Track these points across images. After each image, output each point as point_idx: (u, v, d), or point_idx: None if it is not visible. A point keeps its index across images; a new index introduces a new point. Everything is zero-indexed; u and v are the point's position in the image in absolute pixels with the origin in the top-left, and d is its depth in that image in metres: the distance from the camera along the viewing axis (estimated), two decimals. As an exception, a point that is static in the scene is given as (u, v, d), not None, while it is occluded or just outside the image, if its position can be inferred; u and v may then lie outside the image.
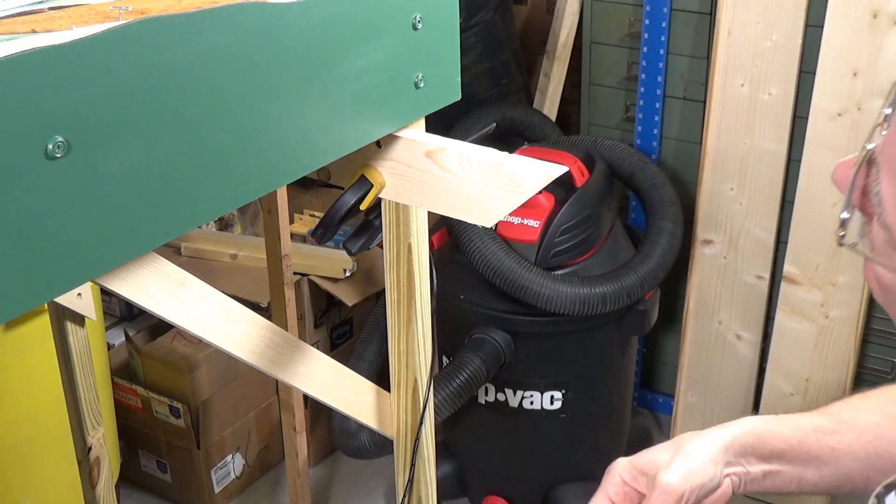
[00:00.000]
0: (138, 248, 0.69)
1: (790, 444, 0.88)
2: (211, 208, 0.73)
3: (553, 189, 2.03)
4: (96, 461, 1.36)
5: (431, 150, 0.92)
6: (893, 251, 0.62)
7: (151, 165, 0.67)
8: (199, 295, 0.88)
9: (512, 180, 0.89)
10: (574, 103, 2.72)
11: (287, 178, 0.81)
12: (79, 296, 1.27)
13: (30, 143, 0.59)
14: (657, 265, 2.13)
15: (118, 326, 2.54)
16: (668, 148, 2.50)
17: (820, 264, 2.22)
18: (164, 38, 0.65)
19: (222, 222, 2.79)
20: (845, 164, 0.66)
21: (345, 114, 0.83)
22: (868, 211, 0.64)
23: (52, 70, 0.59)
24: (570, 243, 2.06)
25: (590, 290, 2.01)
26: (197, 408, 2.25)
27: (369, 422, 1.14)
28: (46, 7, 0.78)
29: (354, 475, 2.50)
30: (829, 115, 2.13)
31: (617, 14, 2.49)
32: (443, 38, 0.93)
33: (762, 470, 0.89)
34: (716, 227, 2.37)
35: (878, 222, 0.62)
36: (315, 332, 2.42)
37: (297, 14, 0.76)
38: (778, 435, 0.88)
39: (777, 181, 2.28)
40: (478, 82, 2.55)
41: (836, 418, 0.91)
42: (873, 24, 2.03)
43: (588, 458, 2.20)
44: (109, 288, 0.78)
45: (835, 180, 0.67)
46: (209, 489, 2.35)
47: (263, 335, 0.96)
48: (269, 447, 2.50)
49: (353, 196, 0.97)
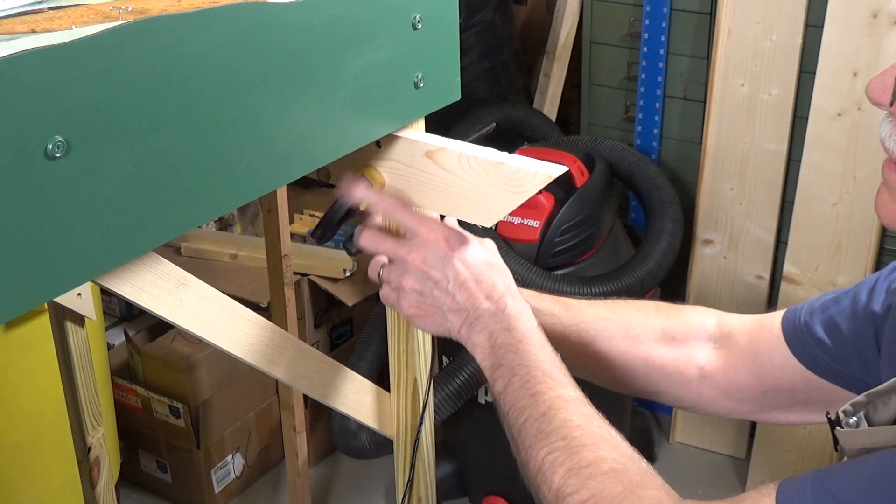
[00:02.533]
0: (138, 248, 0.69)
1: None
2: (211, 208, 0.73)
3: (553, 189, 2.03)
4: (96, 461, 1.36)
5: (431, 150, 0.92)
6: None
7: (151, 165, 0.67)
8: (199, 295, 0.88)
9: (512, 180, 0.89)
10: (574, 103, 2.72)
11: (287, 178, 0.81)
12: (79, 296, 1.27)
13: (30, 143, 0.59)
14: (657, 265, 2.13)
15: (118, 326, 2.54)
16: (668, 148, 2.50)
17: (820, 264, 2.22)
18: (164, 38, 0.65)
19: (222, 222, 2.79)
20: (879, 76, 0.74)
21: (344, 113, 0.83)
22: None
23: (52, 70, 0.59)
24: (570, 243, 2.06)
25: (590, 290, 2.01)
26: (197, 408, 2.25)
27: (369, 422, 1.14)
28: (46, 7, 0.78)
29: (354, 475, 2.50)
30: (829, 115, 2.13)
31: (617, 14, 2.49)
32: (443, 38, 0.93)
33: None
34: (716, 227, 2.37)
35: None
36: (315, 332, 2.42)
37: (296, 14, 0.76)
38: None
39: (777, 181, 2.28)
40: (478, 82, 2.55)
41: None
42: (873, 24, 2.03)
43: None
44: (109, 288, 0.78)
45: (870, 92, 0.75)
46: (209, 489, 2.35)
47: (263, 335, 0.96)
48: (269, 447, 2.50)
49: (329, 219, 0.98)
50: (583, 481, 0.76)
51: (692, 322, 1.06)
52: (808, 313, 0.97)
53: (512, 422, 0.85)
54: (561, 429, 0.80)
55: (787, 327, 0.98)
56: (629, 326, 1.05)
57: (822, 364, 0.95)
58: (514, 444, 0.85)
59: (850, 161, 2.13)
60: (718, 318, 1.06)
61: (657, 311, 1.07)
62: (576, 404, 0.83)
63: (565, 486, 0.77)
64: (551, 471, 0.78)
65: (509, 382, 0.86)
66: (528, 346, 0.87)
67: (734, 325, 1.04)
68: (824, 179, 2.17)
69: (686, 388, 1.05)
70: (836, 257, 2.20)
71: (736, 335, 1.03)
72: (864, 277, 2.19)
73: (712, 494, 0.74)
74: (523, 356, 0.86)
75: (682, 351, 1.04)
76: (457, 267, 0.89)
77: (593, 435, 0.80)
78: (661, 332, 1.05)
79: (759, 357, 1.00)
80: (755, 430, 2.43)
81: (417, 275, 0.91)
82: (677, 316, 1.07)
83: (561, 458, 0.78)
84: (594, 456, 0.78)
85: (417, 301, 0.92)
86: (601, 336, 1.05)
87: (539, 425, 0.81)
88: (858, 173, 2.13)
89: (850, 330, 0.93)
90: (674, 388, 1.05)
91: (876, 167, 2.36)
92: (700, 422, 2.52)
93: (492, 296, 0.89)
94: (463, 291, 0.90)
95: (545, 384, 0.84)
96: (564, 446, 0.79)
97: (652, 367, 1.04)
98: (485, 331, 0.89)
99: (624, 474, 0.76)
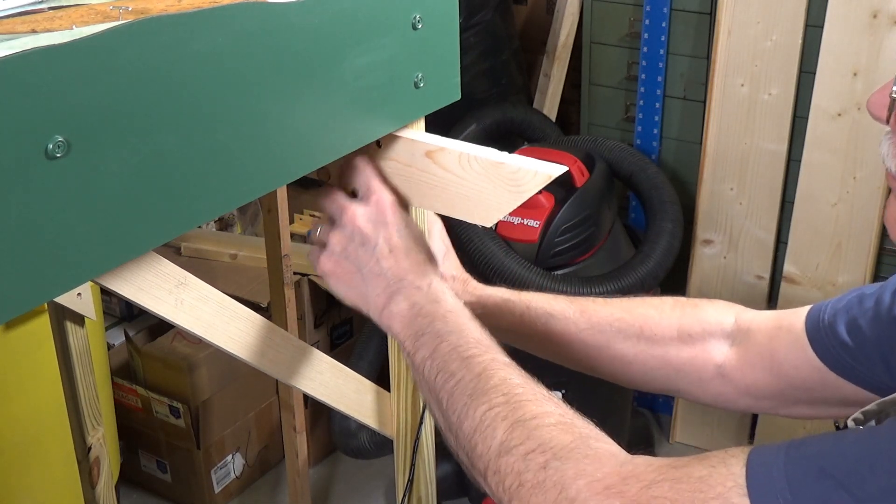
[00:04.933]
0: (138, 248, 0.69)
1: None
2: (211, 208, 0.73)
3: (553, 189, 2.03)
4: (96, 461, 1.36)
5: (431, 149, 0.92)
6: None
7: (151, 165, 0.67)
8: (199, 295, 0.88)
9: (512, 180, 0.89)
10: (574, 103, 2.72)
11: (287, 178, 0.81)
12: (79, 296, 1.27)
13: (30, 143, 0.59)
14: (657, 265, 2.13)
15: (118, 326, 2.54)
16: (668, 148, 2.50)
17: (820, 264, 2.22)
18: (164, 38, 0.65)
19: (222, 222, 2.79)
20: (880, 90, 0.72)
21: (344, 113, 0.83)
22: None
23: (52, 70, 0.59)
24: (570, 243, 2.06)
25: (590, 290, 2.01)
26: (197, 408, 2.25)
27: (369, 421, 1.14)
28: (46, 7, 0.78)
29: (354, 475, 2.50)
30: (829, 115, 2.13)
31: (617, 14, 2.49)
32: (443, 38, 0.93)
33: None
34: (716, 227, 2.37)
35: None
36: (315, 332, 2.42)
37: (297, 14, 0.76)
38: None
39: (777, 181, 2.28)
40: (478, 82, 2.55)
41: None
42: (873, 24, 2.03)
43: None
44: (109, 288, 0.78)
45: (870, 107, 0.73)
46: (209, 489, 2.35)
47: (263, 335, 0.96)
48: (269, 447, 2.50)
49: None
50: (528, 432, 0.72)
51: (709, 319, 1.04)
52: (831, 313, 0.95)
53: (440, 386, 0.80)
54: (500, 386, 0.77)
55: (810, 326, 0.96)
56: (644, 326, 1.03)
57: (845, 365, 0.93)
58: (441, 410, 0.80)
59: (850, 161, 2.13)
60: (737, 313, 1.04)
61: (673, 308, 1.05)
62: (513, 368, 0.80)
63: (510, 440, 0.73)
64: (492, 426, 0.74)
65: (436, 349, 0.81)
66: (456, 316, 0.84)
67: (753, 322, 1.02)
68: (824, 179, 2.17)
69: (705, 386, 1.03)
70: (836, 257, 2.20)
71: (754, 332, 1.01)
72: (864, 277, 2.20)
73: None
74: (451, 325, 0.83)
75: (699, 349, 1.03)
76: (391, 232, 0.86)
77: (535, 392, 0.77)
78: (677, 331, 1.03)
79: (776, 355, 0.98)
80: (755, 430, 2.43)
81: (347, 229, 0.88)
82: (694, 312, 1.05)
83: (504, 412, 0.75)
84: (539, 410, 0.74)
85: (337, 257, 0.88)
86: (617, 337, 1.03)
87: (476, 384, 0.77)
88: (858, 173, 2.13)
89: (872, 333, 0.91)
90: (692, 386, 1.04)
91: (876, 167, 2.37)
92: (700, 422, 2.52)
93: (419, 270, 0.86)
94: (390, 258, 0.86)
95: (478, 349, 0.80)
96: (505, 402, 0.75)
97: (669, 366, 1.03)
98: (406, 301, 0.85)
99: (572, 427, 0.73)
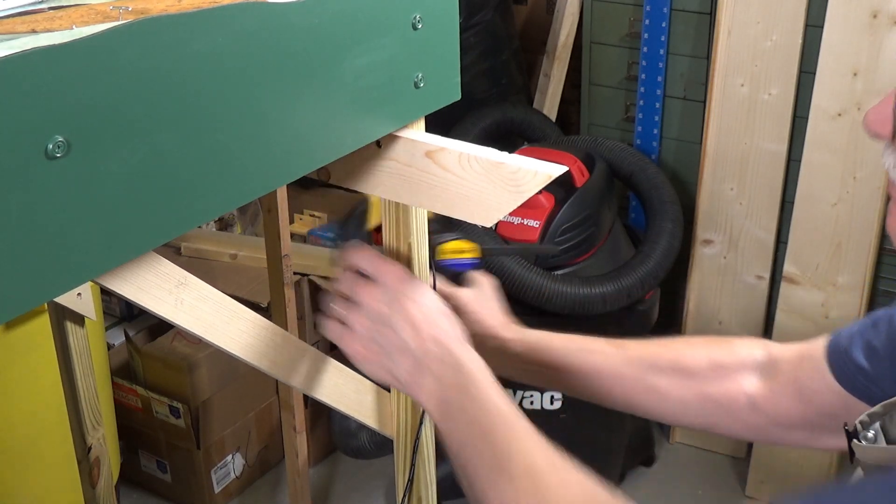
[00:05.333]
0: (138, 248, 0.69)
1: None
2: (211, 208, 0.73)
3: (553, 189, 2.03)
4: (96, 461, 1.36)
5: (431, 149, 0.92)
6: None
7: (151, 165, 0.66)
8: (199, 295, 0.88)
9: (512, 180, 0.89)
10: (574, 103, 2.72)
11: (287, 178, 0.81)
12: (79, 296, 1.27)
13: (30, 143, 0.59)
14: (657, 265, 2.13)
15: (118, 326, 2.54)
16: (668, 148, 2.50)
17: (820, 264, 2.22)
18: (164, 38, 0.65)
19: (222, 222, 2.79)
20: (876, 107, 0.72)
21: (344, 113, 0.83)
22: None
23: (52, 70, 0.59)
24: (570, 243, 2.06)
25: (590, 290, 2.01)
26: (197, 408, 2.25)
27: (369, 421, 1.14)
28: (46, 7, 0.78)
29: (354, 475, 2.50)
30: (829, 115, 2.13)
31: (617, 14, 2.49)
32: (443, 38, 0.93)
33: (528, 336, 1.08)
34: (716, 227, 2.37)
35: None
36: (315, 332, 2.42)
37: (297, 14, 0.76)
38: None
39: (777, 181, 2.28)
40: (478, 82, 2.55)
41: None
42: (873, 24, 2.03)
43: (588, 458, 2.20)
44: (109, 288, 0.78)
45: (868, 125, 0.73)
46: (209, 489, 2.35)
47: (263, 335, 0.96)
48: (269, 447, 2.50)
49: (355, 223, 1.00)
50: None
51: (740, 352, 1.07)
52: (848, 338, 0.98)
53: (466, 459, 0.86)
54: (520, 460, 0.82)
55: (831, 351, 0.99)
56: (679, 359, 1.07)
57: (862, 388, 0.96)
58: (469, 481, 0.86)
59: (850, 161, 2.13)
60: (766, 348, 1.07)
61: (706, 344, 1.09)
62: (532, 435, 0.85)
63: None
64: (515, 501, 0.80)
65: (459, 421, 0.86)
66: (477, 387, 0.87)
67: (780, 354, 1.05)
68: (824, 179, 2.17)
69: (736, 417, 1.06)
70: (836, 257, 2.20)
71: (781, 363, 1.04)
72: (864, 277, 2.20)
73: (712, 494, 0.74)
74: (473, 395, 0.87)
75: (731, 381, 1.06)
76: (408, 307, 0.89)
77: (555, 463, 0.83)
78: (709, 364, 1.06)
79: (801, 383, 1.01)
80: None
81: (367, 310, 0.91)
82: (726, 346, 1.08)
83: (525, 485, 0.80)
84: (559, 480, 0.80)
85: (364, 339, 0.91)
86: (652, 370, 1.06)
87: (498, 461, 0.83)
88: (858, 173, 2.13)
89: (886, 352, 0.94)
90: (726, 418, 1.07)
91: (876, 167, 2.37)
92: (700, 422, 2.52)
93: (441, 340, 0.89)
94: (412, 332, 0.89)
95: (499, 418, 0.85)
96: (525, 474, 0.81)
97: (704, 399, 1.06)
98: (431, 375, 0.88)
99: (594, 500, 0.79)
